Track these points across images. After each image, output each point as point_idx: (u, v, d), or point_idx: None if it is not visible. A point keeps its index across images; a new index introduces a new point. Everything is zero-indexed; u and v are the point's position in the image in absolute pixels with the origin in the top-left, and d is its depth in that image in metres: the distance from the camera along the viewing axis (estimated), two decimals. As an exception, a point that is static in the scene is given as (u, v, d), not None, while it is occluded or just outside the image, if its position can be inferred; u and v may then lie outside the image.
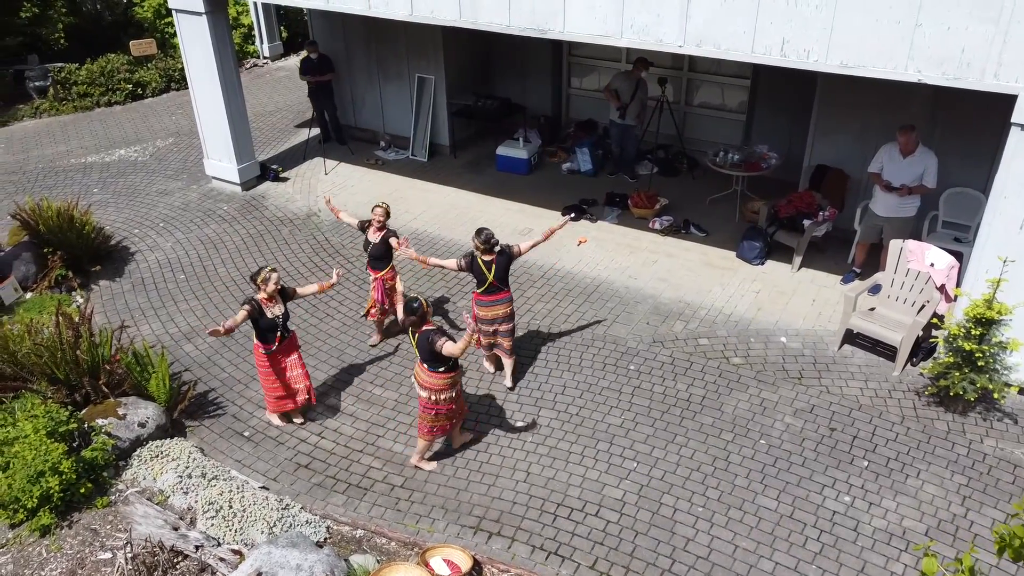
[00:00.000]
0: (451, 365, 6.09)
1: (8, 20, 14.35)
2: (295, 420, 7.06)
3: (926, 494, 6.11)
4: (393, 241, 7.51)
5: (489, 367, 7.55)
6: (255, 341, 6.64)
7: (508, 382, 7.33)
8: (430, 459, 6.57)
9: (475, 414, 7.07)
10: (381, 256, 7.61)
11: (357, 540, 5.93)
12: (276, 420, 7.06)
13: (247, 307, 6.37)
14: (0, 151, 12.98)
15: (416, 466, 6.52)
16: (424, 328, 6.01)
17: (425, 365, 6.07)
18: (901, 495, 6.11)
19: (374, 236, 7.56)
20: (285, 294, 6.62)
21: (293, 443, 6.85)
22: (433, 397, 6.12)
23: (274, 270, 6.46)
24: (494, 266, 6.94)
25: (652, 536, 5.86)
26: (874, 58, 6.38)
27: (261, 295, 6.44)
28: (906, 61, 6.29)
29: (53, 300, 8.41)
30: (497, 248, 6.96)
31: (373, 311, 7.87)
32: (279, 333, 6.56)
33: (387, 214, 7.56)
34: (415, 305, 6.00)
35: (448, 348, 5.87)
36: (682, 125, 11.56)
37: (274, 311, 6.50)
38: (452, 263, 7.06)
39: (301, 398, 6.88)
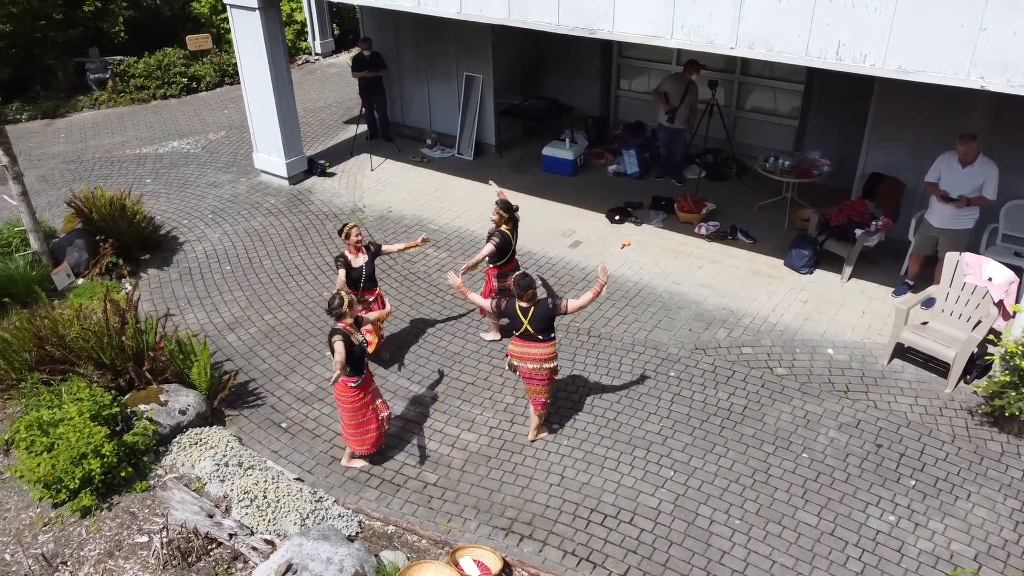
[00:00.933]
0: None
1: (72, 13, 14.76)
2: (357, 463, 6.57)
3: (976, 517, 5.87)
4: (394, 247, 7.48)
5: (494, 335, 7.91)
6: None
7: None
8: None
9: (511, 415, 7.02)
10: (373, 273, 7.27)
11: (388, 536, 5.92)
12: (360, 463, 6.53)
13: (341, 342, 5.74)
14: (60, 140, 13.35)
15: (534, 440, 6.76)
16: (537, 300, 6.24)
17: (540, 336, 6.25)
18: (949, 517, 5.88)
19: (360, 259, 7.16)
20: (359, 321, 6.23)
21: (329, 436, 6.88)
22: (546, 365, 6.35)
23: (351, 293, 6.12)
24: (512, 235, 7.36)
25: (687, 547, 5.73)
26: (934, 63, 6.16)
27: (345, 322, 5.94)
28: (968, 67, 6.05)
29: (103, 287, 8.58)
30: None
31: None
32: (365, 359, 6.15)
33: (359, 232, 7.17)
34: (530, 279, 6.23)
35: (572, 304, 6.27)
36: (732, 129, 11.37)
37: (358, 337, 6.07)
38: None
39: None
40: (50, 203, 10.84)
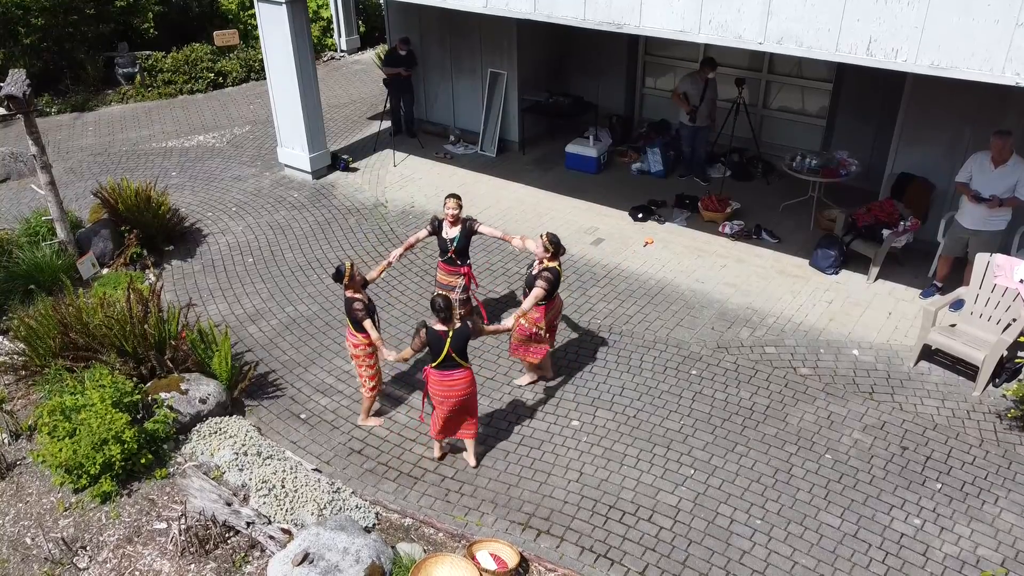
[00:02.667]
0: None
1: (103, 9, 14.93)
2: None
3: (1004, 522, 5.75)
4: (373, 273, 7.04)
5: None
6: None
7: None
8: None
9: (530, 410, 6.98)
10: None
11: (405, 528, 5.90)
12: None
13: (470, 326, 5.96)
14: (88, 134, 13.50)
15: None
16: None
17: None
18: (976, 521, 5.75)
19: (364, 294, 6.54)
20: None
21: (348, 428, 6.88)
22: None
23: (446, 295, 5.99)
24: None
25: (706, 546, 5.66)
26: (968, 59, 6.03)
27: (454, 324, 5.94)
28: (1004, 63, 5.92)
29: (127, 277, 8.65)
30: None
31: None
32: None
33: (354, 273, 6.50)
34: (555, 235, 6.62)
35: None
36: (759, 128, 11.24)
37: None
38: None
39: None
40: (77, 195, 10.96)
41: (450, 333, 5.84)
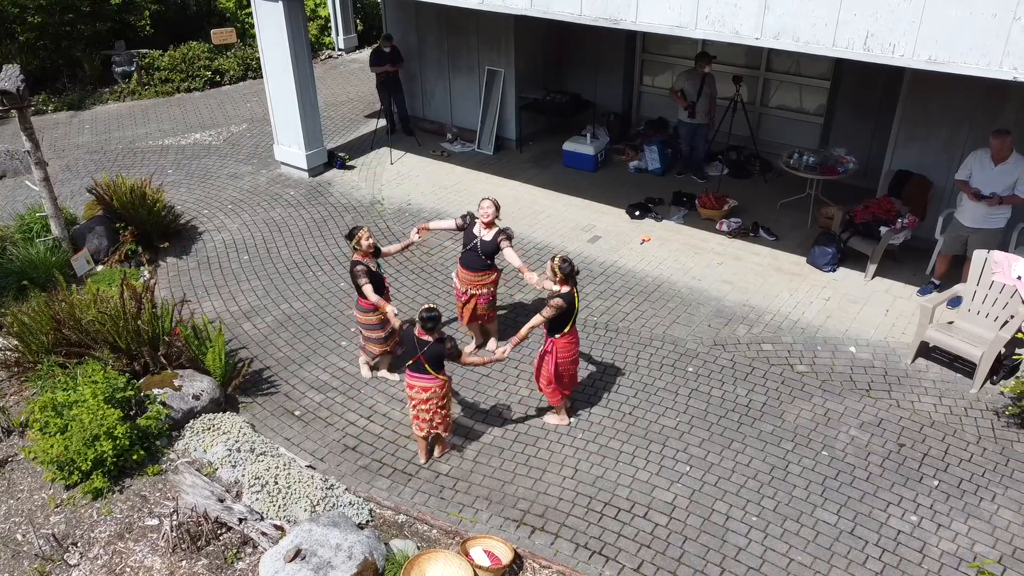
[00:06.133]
0: None
1: (100, 7, 14.89)
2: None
3: (1001, 519, 5.71)
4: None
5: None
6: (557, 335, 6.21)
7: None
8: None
9: (525, 407, 6.94)
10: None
11: (399, 525, 5.86)
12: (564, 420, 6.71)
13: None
14: (85, 131, 13.45)
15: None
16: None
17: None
18: (973, 519, 5.72)
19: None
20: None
21: (342, 425, 6.83)
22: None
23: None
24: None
25: (702, 542, 5.62)
26: (965, 54, 6.00)
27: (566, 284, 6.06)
28: (1001, 58, 5.89)
29: (121, 273, 8.60)
30: None
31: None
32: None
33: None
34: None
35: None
36: (756, 126, 11.22)
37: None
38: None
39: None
40: (73, 192, 10.92)
41: (575, 293, 6.10)
